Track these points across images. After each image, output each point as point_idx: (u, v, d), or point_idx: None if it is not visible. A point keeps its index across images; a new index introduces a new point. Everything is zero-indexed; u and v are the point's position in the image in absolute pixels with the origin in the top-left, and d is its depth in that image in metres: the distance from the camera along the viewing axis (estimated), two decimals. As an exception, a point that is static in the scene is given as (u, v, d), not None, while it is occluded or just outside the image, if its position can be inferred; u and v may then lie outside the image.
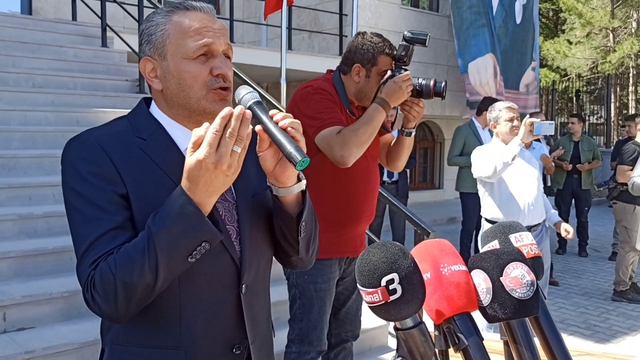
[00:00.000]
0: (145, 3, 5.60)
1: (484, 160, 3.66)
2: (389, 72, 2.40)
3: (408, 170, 7.12)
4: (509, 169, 3.67)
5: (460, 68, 10.21)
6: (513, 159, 3.53)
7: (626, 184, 5.53)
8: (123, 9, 6.46)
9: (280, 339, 2.68)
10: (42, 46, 5.86)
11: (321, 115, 2.36)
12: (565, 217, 7.45)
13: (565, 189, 7.10)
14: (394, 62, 2.45)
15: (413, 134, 2.57)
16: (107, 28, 6.32)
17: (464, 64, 10.17)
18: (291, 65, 6.74)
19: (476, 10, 10.26)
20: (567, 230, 3.78)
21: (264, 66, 8.08)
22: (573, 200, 7.32)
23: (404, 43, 2.42)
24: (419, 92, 2.40)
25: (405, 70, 2.40)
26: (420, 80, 2.39)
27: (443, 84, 2.39)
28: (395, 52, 2.45)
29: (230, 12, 8.08)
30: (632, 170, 5.50)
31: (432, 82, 2.38)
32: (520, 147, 3.54)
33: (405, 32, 2.43)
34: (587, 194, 7.22)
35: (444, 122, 11.77)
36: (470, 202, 5.81)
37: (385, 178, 6.48)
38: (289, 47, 8.11)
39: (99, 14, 6.31)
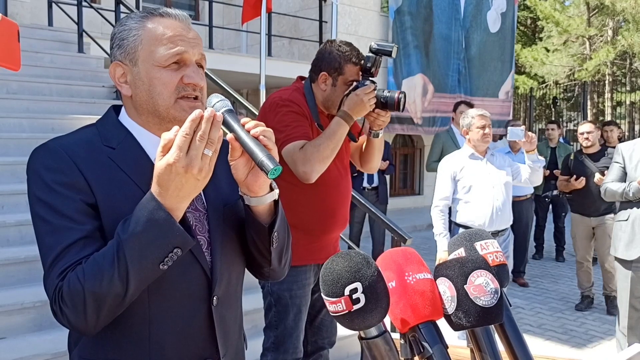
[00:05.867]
0: (122, 9, 5.56)
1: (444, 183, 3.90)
2: (354, 84, 2.39)
3: (388, 177, 7.14)
4: (478, 175, 3.77)
5: (392, 86, 10.11)
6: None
7: (568, 193, 5.77)
8: (100, 14, 6.41)
9: (256, 348, 2.67)
10: (17, 52, 5.77)
11: (286, 128, 2.34)
12: (542, 223, 7.55)
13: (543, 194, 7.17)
14: (361, 72, 2.43)
15: (381, 134, 2.56)
16: (84, 34, 6.26)
17: (396, 83, 10.09)
18: (271, 72, 6.74)
19: (413, 32, 10.23)
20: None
21: (244, 72, 8.07)
22: (550, 206, 7.40)
23: (371, 54, 2.40)
24: (384, 105, 2.38)
25: (373, 82, 2.39)
26: (385, 93, 2.37)
27: (402, 97, 2.37)
28: (363, 62, 2.43)
29: (210, 18, 8.06)
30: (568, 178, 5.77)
31: (396, 95, 2.36)
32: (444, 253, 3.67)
33: (372, 43, 2.42)
34: (564, 199, 7.29)
35: (423, 128, 11.83)
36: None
37: (365, 184, 6.50)
38: (269, 53, 8.12)
39: (76, 20, 6.26)
